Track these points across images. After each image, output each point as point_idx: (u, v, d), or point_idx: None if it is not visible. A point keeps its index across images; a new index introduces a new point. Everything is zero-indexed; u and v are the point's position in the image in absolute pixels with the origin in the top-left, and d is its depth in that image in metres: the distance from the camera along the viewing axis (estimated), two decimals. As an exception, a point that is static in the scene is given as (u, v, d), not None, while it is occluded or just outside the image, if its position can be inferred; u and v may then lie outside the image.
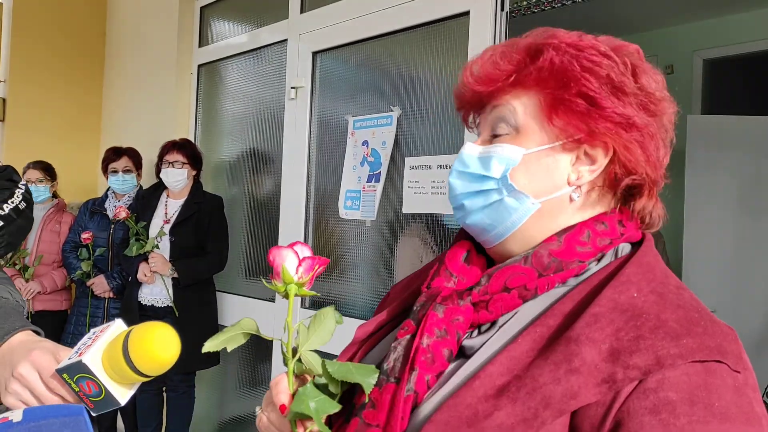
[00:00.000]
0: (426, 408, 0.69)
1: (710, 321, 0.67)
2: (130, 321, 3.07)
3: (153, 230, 3.14)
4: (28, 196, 1.46)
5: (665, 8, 4.17)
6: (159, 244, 3.08)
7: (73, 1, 4.39)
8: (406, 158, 2.47)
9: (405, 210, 2.45)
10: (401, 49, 2.61)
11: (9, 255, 1.37)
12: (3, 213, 1.37)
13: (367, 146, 2.63)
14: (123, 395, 0.86)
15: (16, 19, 4.17)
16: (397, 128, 2.52)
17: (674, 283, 0.72)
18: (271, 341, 2.65)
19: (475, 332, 0.75)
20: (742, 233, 3.75)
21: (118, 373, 0.84)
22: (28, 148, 3.98)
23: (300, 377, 0.73)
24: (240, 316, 3.22)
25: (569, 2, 3.12)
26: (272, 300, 3.07)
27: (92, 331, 0.90)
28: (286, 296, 0.71)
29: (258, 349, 3.19)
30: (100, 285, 3.33)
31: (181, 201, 3.22)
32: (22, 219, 1.41)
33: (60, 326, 3.46)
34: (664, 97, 0.76)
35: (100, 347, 0.85)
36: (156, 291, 3.10)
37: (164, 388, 3.30)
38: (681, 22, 4.39)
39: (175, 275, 3.06)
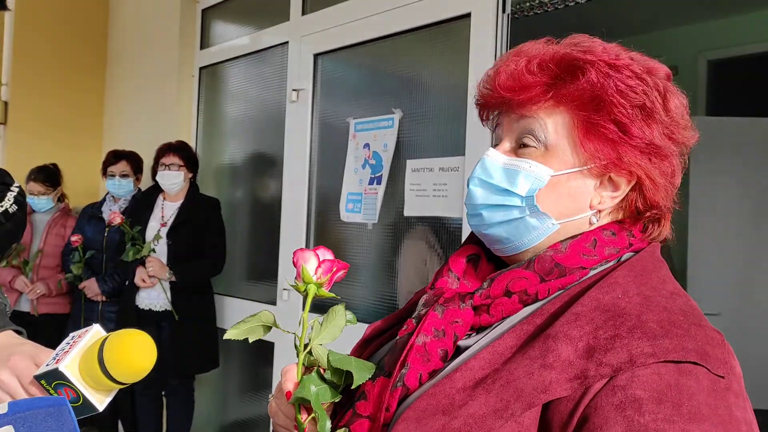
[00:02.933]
0: (412, 399, 0.71)
1: (696, 325, 0.66)
2: (128, 326, 3.02)
3: (149, 234, 3.12)
4: (20, 199, 1.44)
5: (669, 9, 4.15)
6: (156, 247, 3.06)
7: (76, 5, 4.40)
8: (407, 161, 2.45)
9: (407, 213, 2.43)
10: (402, 51, 2.60)
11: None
12: None
13: (369, 149, 2.62)
14: (100, 402, 0.86)
15: (19, 22, 4.17)
16: (398, 130, 2.51)
17: (669, 289, 0.71)
18: (273, 346, 2.62)
19: (474, 333, 0.76)
20: (747, 236, 3.72)
21: (94, 380, 0.84)
22: (30, 151, 3.98)
23: (309, 369, 0.75)
24: (240, 319, 3.21)
25: (572, 3, 3.10)
26: (273, 303, 3.06)
27: (71, 335, 0.90)
28: (306, 295, 0.75)
29: (258, 352, 3.18)
30: (90, 288, 3.32)
31: (178, 204, 3.20)
32: (12, 223, 1.40)
33: (64, 329, 3.46)
34: (687, 125, 0.76)
35: (77, 354, 0.85)
36: (153, 295, 3.08)
37: (163, 393, 3.29)
38: (685, 23, 4.37)
39: (173, 279, 3.05)
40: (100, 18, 4.51)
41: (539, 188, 0.74)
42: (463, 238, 0.82)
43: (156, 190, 3.27)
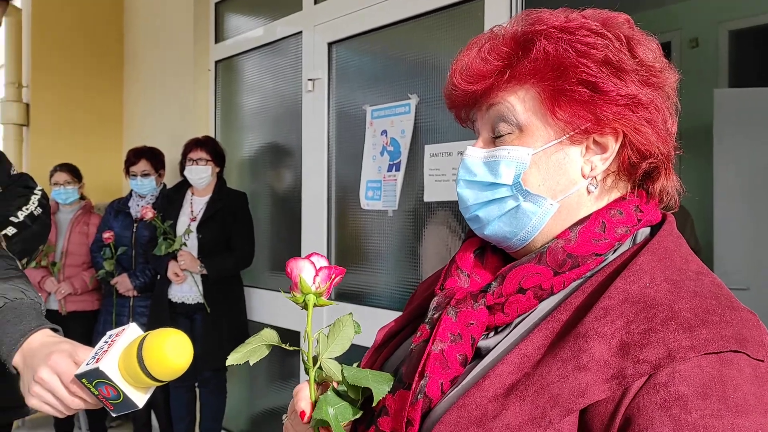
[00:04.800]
0: (438, 410, 0.68)
1: (729, 308, 0.63)
2: (161, 319, 3.08)
3: (180, 228, 3.18)
4: (44, 202, 1.47)
5: (687, -20, 4.07)
6: (186, 241, 3.12)
7: (91, 5, 4.43)
8: (425, 146, 2.44)
9: (426, 198, 2.43)
10: (417, 36, 2.58)
11: (24, 260, 1.38)
12: (17, 220, 1.39)
13: (386, 135, 2.62)
14: (140, 398, 0.89)
15: (36, 24, 4.22)
16: (415, 116, 2.50)
17: (694, 269, 0.69)
18: (298, 336, 2.62)
19: (492, 333, 0.73)
20: (774, 208, 3.66)
21: (134, 378, 0.86)
22: (53, 152, 4.04)
23: (322, 384, 0.73)
24: (267, 310, 3.26)
25: (587, -21, 3.06)
26: (298, 293, 3.07)
27: (108, 334, 0.92)
28: (305, 307, 0.71)
29: (285, 342, 3.20)
30: (122, 284, 3.37)
31: (206, 198, 3.25)
32: (38, 225, 1.43)
33: (92, 326, 3.52)
34: (664, 66, 0.73)
35: (116, 353, 0.87)
36: (186, 288, 3.14)
37: (196, 384, 3.34)
38: (704, -7, 4.28)
39: (204, 272, 3.10)
40: (115, 18, 4.54)
41: (524, 171, 0.72)
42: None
43: (184, 185, 3.32)
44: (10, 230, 1.36)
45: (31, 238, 1.41)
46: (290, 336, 3.03)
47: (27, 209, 1.41)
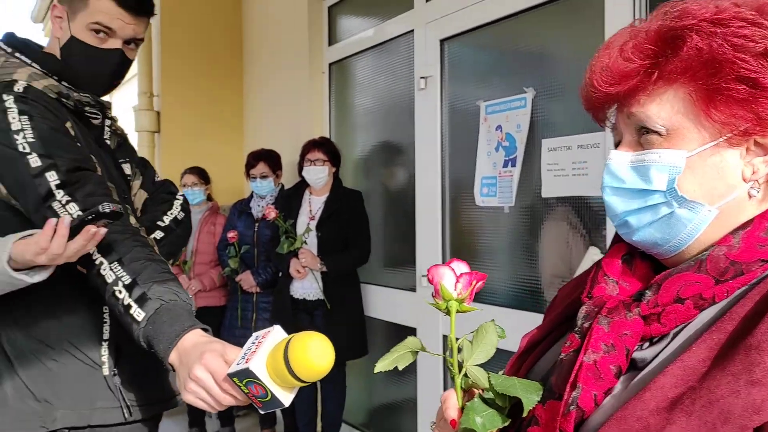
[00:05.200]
0: (593, 422, 0.66)
1: None
2: (284, 315, 3.20)
3: (299, 227, 3.29)
4: (185, 206, 1.58)
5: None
6: (306, 240, 3.22)
7: (212, 15, 4.68)
8: (543, 140, 2.39)
9: (545, 194, 2.37)
10: (532, 28, 2.52)
11: (170, 262, 1.48)
12: (164, 224, 1.49)
13: (501, 131, 2.58)
14: (286, 398, 0.95)
15: (164, 36, 4.52)
16: (531, 110, 2.45)
17: None
18: (415, 332, 2.63)
19: (646, 344, 0.70)
20: None
21: (281, 378, 0.91)
22: (181, 156, 4.31)
23: (468, 391, 0.72)
24: (383, 306, 3.31)
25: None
26: (413, 290, 3.11)
27: (255, 335, 0.97)
28: (448, 313, 0.71)
29: (402, 338, 3.24)
30: (246, 281, 3.54)
31: (324, 197, 3.34)
32: (181, 228, 1.53)
33: (220, 321, 3.73)
34: None
35: (264, 354, 0.92)
36: (306, 285, 3.24)
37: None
38: None
39: (324, 269, 3.19)
40: (234, 27, 4.77)
41: (678, 176, 0.67)
42: (608, 218, 0.75)
43: (302, 185, 3.43)
44: (158, 234, 1.46)
45: (176, 241, 1.51)
46: (405, 332, 3.06)
47: (171, 214, 1.52)
